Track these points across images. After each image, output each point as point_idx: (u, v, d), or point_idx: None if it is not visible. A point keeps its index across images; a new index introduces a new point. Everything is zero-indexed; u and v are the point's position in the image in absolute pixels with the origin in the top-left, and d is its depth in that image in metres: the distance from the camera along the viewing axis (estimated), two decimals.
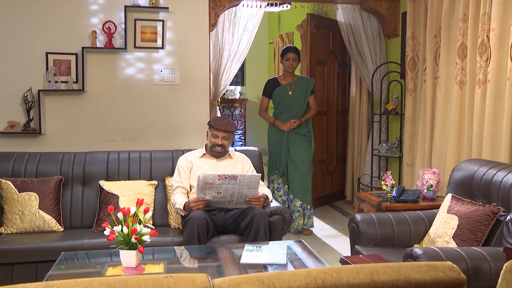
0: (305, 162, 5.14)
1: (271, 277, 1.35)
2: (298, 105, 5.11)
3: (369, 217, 3.36)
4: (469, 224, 2.96)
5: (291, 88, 5.11)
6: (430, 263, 1.39)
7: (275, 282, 1.32)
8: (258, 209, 3.46)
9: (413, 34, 4.87)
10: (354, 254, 3.31)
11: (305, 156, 5.15)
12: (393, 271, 1.35)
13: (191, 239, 3.34)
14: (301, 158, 5.12)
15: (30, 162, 3.91)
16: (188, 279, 1.34)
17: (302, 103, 5.12)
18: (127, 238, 2.80)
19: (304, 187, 5.15)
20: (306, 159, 5.15)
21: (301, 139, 5.15)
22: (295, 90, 5.11)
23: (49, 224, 3.68)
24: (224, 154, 3.86)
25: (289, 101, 5.10)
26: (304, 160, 5.13)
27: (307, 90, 5.13)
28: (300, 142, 5.15)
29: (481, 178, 3.13)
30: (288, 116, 5.10)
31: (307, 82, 5.20)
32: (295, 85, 5.12)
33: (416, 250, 2.60)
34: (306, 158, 5.16)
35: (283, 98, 5.12)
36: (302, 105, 5.12)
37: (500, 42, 3.61)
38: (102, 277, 1.27)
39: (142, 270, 2.84)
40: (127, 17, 4.68)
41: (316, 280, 1.33)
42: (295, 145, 5.13)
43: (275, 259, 2.91)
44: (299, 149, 5.13)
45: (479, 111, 3.81)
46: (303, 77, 5.31)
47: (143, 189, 3.90)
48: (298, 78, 5.19)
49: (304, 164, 5.13)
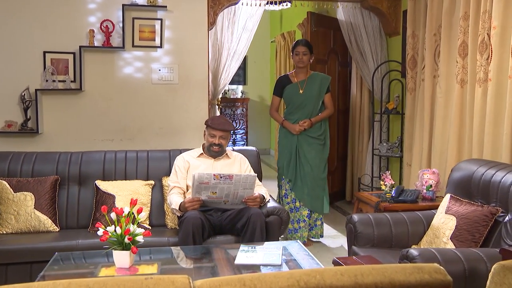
0: (317, 167, 4.70)
1: (253, 278, 1.32)
2: (311, 105, 4.68)
3: (366, 217, 3.32)
4: (467, 225, 2.92)
5: (303, 86, 4.68)
6: (417, 265, 1.35)
7: (256, 283, 1.29)
8: (254, 209, 3.42)
9: (413, 33, 4.82)
10: (351, 255, 3.27)
11: (317, 160, 4.71)
12: (378, 273, 1.32)
13: (186, 239, 3.31)
14: (313, 163, 4.69)
15: (26, 161, 3.89)
16: (168, 281, 1.31)
17: (315, 102, 4.68)
18: (120, 238, 2.78)
19: (313, 195, 4.71)
20: (318, 164, 4.71)
21: (312, 142, 4.71)
22: (307, 88, 4.68)
23: (45, 224, 3.65)
24: (222, 153, 3.82)
25: (300, 101, 4.67)
26: (316, 166, 4.70)
27: (321, 88, 4.69)
28: (312, 146, 4.71)
29: (479, 178, 3.08)
30: (299, 116, 4.68)
31: (321, 79, 4.74)
32: (307, 83, 4.68)
33: (412, 251, 2.56)
34: (318, 163, 4.71)
35: (293, 97, 4.70)
36: (315, 105, 4.69)
37: (501, 40, 3.55)
38: (82, 278, 1.24)
39: (136, 270, 2.81)
40: (125, 15, 4.65)
41: (299, 282, 1.30)
42: (306, 149, 4.70)
43: (270, 260, 2.87)
44: (310, 153, 4.70)
45: (479, 110, 3.75)
46: (317, 74, 4.81)
47: (140, 189, 3.88)
48: (311, 75, 4.74)
49: (315, 170, 4.69)
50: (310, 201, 4.71)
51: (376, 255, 3.07)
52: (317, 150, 4.73)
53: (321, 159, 4.73)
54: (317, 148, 4.73)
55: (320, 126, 4.73)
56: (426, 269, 1.32)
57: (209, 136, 3.77)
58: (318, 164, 4.71)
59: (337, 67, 6.29)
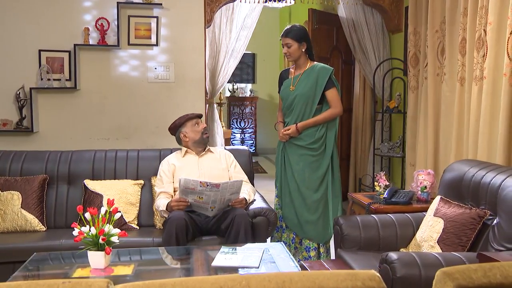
0: (305, 185, 3.79)
1: (175, 284, 1.26)
2: (301, 105, 3.81)
3: (353, 219, 3.22)
4: (454, 228, 2.80)
5: (295, 82, 3.85)
6: (352, 271, 1.27)
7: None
8: (239, 210, 3.36)
9: (415, 29, 4.69)
10: (336, 258, 3.18)
11: (306, 175, 3.78)
12: (308, 279, 1.24)
13: (170, 240, 3.26)
14: (300, 178, 3.80)
15: (15, 160, 3.87)
16: (85, 285, 1.25)
17: (307, 101, 3.79)
18: (95, 239, 2.74)
19: (302, 220, 3.82)
20: (307, 180, 3.78)
21: (302, 152, 3.82)
22: (300, 84, 3.81)
23: (31, 223, 3.63)
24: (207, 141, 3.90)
25: (291, 99, 3.85)
26: (304, 182, 3.79)
27: (318, 83, 3.77)
28: (301, 157, 3.82)
29: (470, 180, 2.96)
30: (290, 119, 3.87)
31: (319, 71, 3.79)
32: (301, 78, 3.83)
33: (391, 255, 2.46)
34: (307, 180, 3.78)
35: (285, 96, 3.92)
36: (308, 105, 3.79)
37: (497, 36, 3.39)
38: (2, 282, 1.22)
39: (111, 271, 2.77)
40: (121, 13, 4.62)
41: (222, 287, 1.22)
42: (293, 159, 3.84)
43: (248, 262, 2.79)
44: (298, 164, 3.82)
45: (475, 109, 3.61)
46: (316, 65, 3.86)
47: (128, 188, 3.83)
48: (310, 67, 3.84)
49: (303, 189, 3.79)
50: (299, 227, 3.86)
51: (361, 258, 2.99)
52: (307, 162, 3.81)
53: (312, 175, 3.80)
54: (307, 160, 3.81)
55: (314, 132, 3.81)
56: (360, 276, 1.24)
57: (194, 127, 3.80)
58: (307, 180, 3.79)
59: (341, 65, 6.17)
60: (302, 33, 3.85)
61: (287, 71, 4.06)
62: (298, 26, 3.92)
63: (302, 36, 3.83)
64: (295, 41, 3.80)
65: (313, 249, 3.87)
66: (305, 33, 3.88)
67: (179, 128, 3.84)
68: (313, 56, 3.94)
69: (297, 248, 3.94)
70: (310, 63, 3.90)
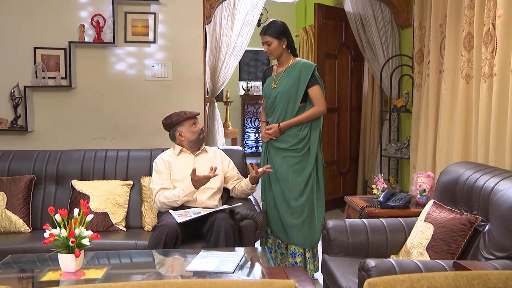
0: (289, 188, 3.62)
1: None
2: (282, 104, 3.65)
3: (341, 223, 3.04)
4: (443, 234, 2.60)
5: (277, 80, 3.72)
6: (269, 280, 1.15)
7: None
8: (220, 213, 3.22)
9: (421, 24, 4.47)
10: (322, 264, 3.00)
11: (289, 177, 3.62)
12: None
13: (157, 246, 3.11)
14: (283, 180, 3.64)
15: (2, 160, 3.83)
16: None
17: (289, 100, 3.63)
18: (66, 241, 2.65)
19: (286, 225, 3.65)
20: (290, 182, 3.62)
21: (284, 154, 3.66)
22: (282, 81, 3.67)
23: (16, 224, 3.57)
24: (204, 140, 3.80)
25: (272, 98, 3.70)
26: (286, 184, 3.63)
27: (300, 80, 3.61)
28: (284, 159, 3.65)
29: (464, 183, 2.76)
30: (273, 118, 3.72)
31: (301, 68, 3.64)
32: (284, 75, 3.69)
33: (369, 262, 2.31)
34: (290, 182, 3.62)
35: (267, 94, 3.77)
36: (290, 104, 3.63)
37: (507, 30, 3.14)
38: None
39: (82, 274, 2.68)
40: (117, 10, 4.52)
41: None
42: (276, 160, 3.68)
43: (223, 267, 2.67)
44: (281, 166, 3.65)
45: (485, 108, 3.37)
46: (299, 62, 3.70)
47: (117, 189, 3.74)
48: (292, 64, 3.69)
49: (287, 192, 3.62)
50: (283, 232, 3.69)
51: (346, 265, 2.82)
52: (290, 164, 3.63)
53: (296, 178, 3.62)
54: (290, 161, 3.63)
55: (297, 132, 3.65)
56: (276, 285, 1.10)
57: (191, 128, 3.68)
58: (291, 183, 3.63)
59: (350, 62, 5.96)
60: (281, 29, 3.68)
61: (271, 69, 3.91)
62: (277, 22, 3.72)
63: (282, 32, 3.67)
64: (275, 38, 3.65)
65: (299, 254, 3.68)
66: (284, 28, 3.71)
67: (175, 126, 3.71)
68: (295, 51, 3.79)
69: (283, 254, 3.77)
70: (293, 59, 3.74)
